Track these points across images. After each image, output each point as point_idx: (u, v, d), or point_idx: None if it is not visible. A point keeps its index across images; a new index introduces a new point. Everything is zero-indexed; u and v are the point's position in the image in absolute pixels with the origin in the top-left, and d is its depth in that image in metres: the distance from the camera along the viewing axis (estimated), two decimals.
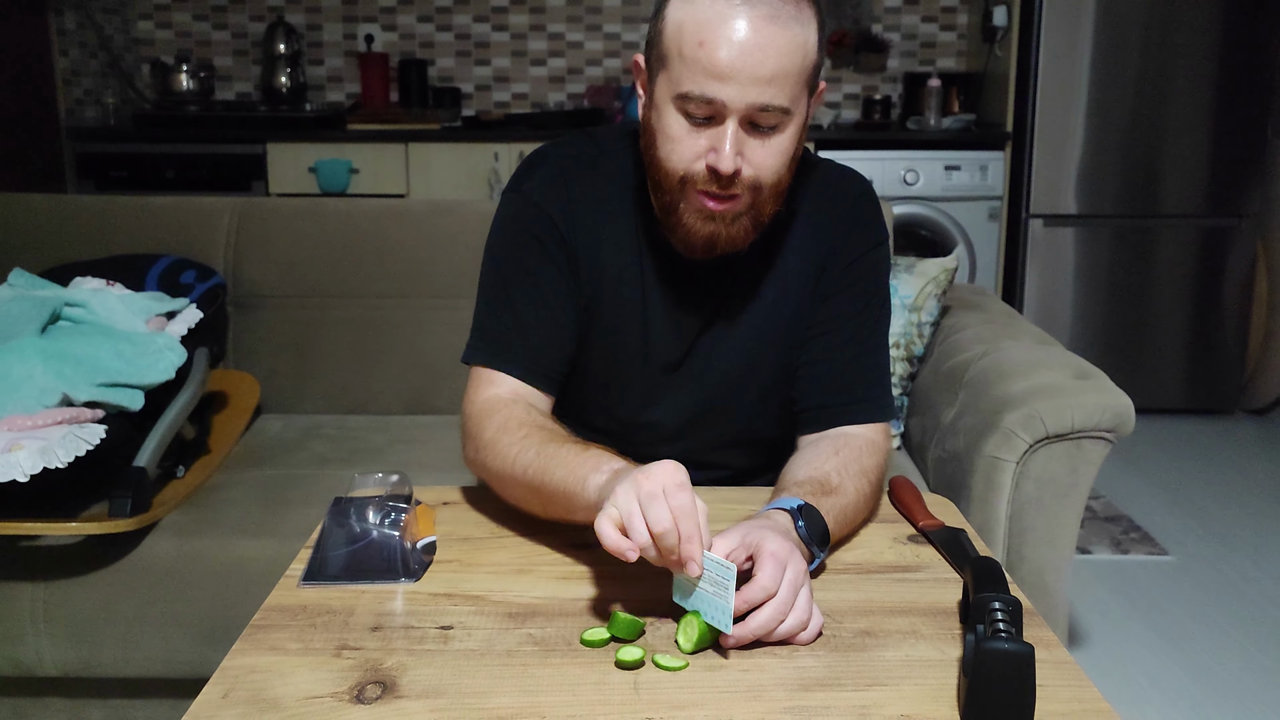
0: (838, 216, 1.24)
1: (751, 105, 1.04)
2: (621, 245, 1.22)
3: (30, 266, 1.97)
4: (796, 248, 1.24)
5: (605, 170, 1.23)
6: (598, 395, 1.28)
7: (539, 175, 1.23)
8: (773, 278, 1.24)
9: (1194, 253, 3.62)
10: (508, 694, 0.84)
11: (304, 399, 2.14)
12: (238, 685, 0.85)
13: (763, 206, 1.12)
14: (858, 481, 1.13)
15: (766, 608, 0.89)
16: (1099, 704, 0.83)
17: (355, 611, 0.97)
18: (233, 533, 1.63)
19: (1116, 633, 2.30)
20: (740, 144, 1.06)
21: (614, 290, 1.22)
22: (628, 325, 1.23)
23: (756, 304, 1.24)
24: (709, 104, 1.05)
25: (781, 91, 1.04)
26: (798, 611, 0.90)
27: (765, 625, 0.89)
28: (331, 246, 2.17)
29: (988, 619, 0.81)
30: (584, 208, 1.21)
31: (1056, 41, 3.50)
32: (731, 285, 1.23)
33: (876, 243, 1.26)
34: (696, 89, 1.04)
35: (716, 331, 1.24)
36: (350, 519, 1.07)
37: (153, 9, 3.99)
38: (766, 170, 1.09)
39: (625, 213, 1.22)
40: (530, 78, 4.06)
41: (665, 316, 1.23)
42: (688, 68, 1.04)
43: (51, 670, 1.62)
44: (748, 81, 1.03)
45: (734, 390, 1.26)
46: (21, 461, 1.43)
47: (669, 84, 1.07)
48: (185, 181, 3.48)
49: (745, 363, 1.25)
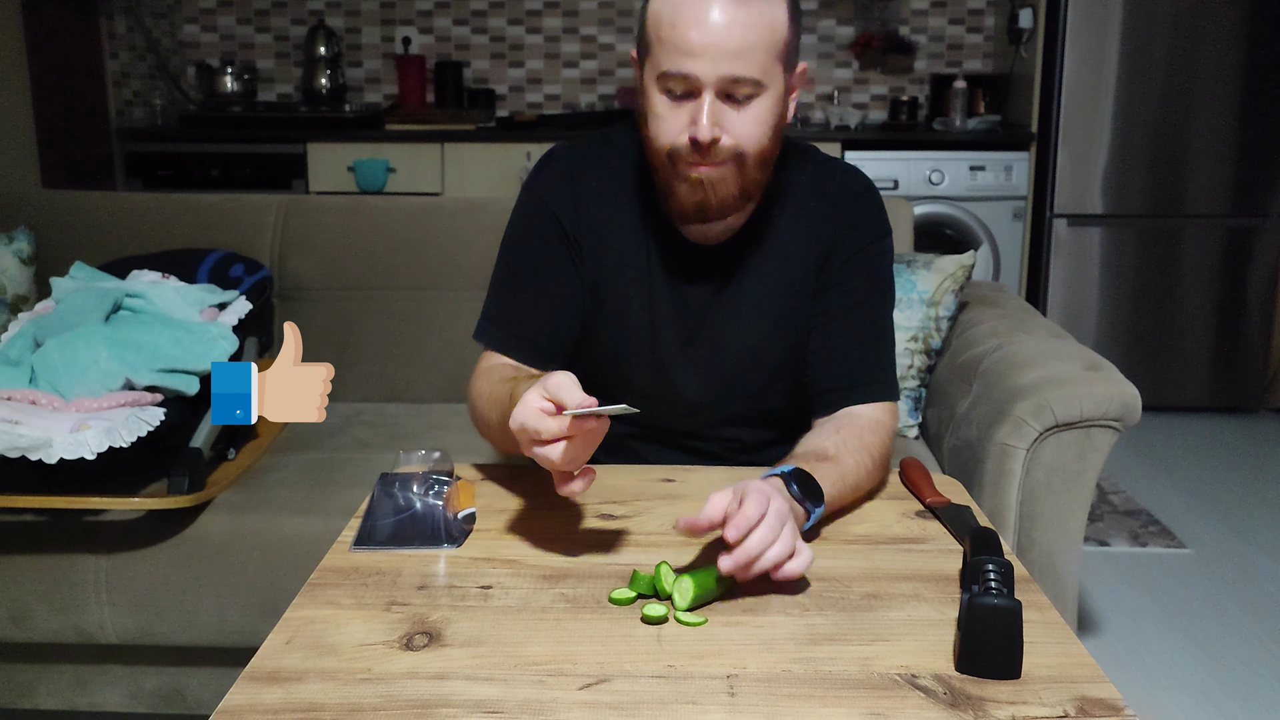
0: (839, 211, 1.33)
1: (723, 78, 1.14)
2: (628, 232, 1.32)
3: (89, 260, 2.08)
4: (798, 238, 1.32)
5: (612, 164, 1.34)
6: (610, 374, 1.36)
7: (547, 174, 1.35)
8: (775, 263, 1.32)
9: (1218, 252, 3.66)
10: (542, 644, 0.92)
11: (345, 387, 2.24)
12: (299, 633, 0.94)
13: (749, 176, 1.21)
14: (858, 455, 1.20)
15: (754, 534, 0.97)
16: (1084, 659, 0.90)
17: (402, 573, 1.06)
18: (281, 511, 1.73)
19: (1133, 624, 2.35)
20: (718, 115, 1.16)
21: (620, 273, 1.33)
22: (635, 306, 1.33)
23: (760, 287, 1.32)
24: (685, 79, 1.15)
25: (751, 63, 1.14)
26: (784, 540, 0.98)
27: (750, 551, 0.96)
28: (371, 242, 2.28)
29: (981, 578, 0.88)
30: (589, 200, 1.32)
31: (1082, 43, 3.54)
32: (734, 268, 1.32)
33: (879, 236, 1.34)
34: (673, 67, 1.15)
35: (722, 311, 1.33)
36: (396, 491, 1.15)
37: (199, 13, 4.11)
38: (747, 139, 1.18)
39: (631, 202, 1.32)
40: (563, 79, 4.15)
41: (671, 296, 1.32)
42: (664, 49, 1.15)
43: (113, 638, 1.73)
44: (718, 55, 1.13)
45: (741, 368, 1.35)
46: (89, 440, 1.54)
47: (652, 67, 1.18)
48: (229, 180, 3.60)
49: (751, 342, 1.34)
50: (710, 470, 1.33)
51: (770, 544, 0.97)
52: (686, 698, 0.84)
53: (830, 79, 4.15)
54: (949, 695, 0.85)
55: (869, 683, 0.87)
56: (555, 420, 0.98)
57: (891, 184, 3.59)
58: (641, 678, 0.87)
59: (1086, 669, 0.89)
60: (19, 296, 2.16)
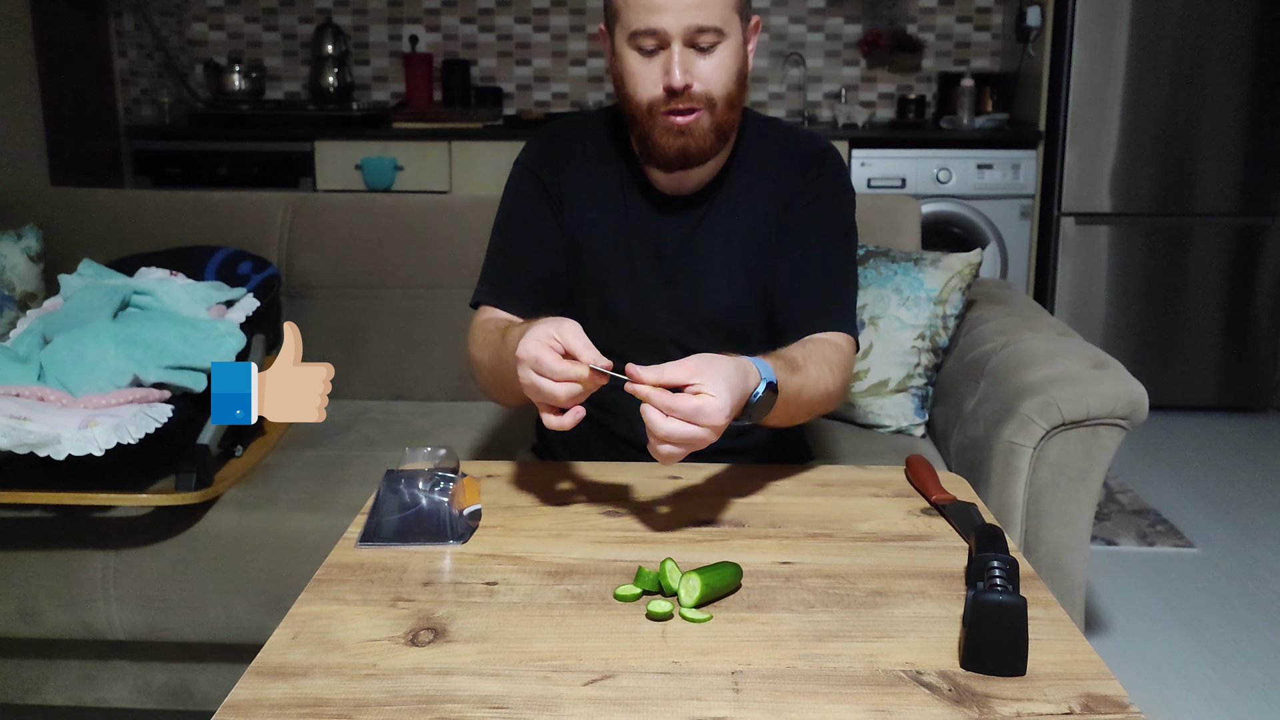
0: (799, 164, 1.42)
1: (688, 28, 1.26)
2: (606, 186, 1.44)
3: (97, 257, 2.09)
4: (762, 189, 1.42)
5: (589, 130, 1.47)
6: (595, 318, 1.38)
7: (531, 145, 1.48)
8: (742, 213, 1.42)
9: (1227, 251, 3.64)
10: (548, 640, 0.93)
11: (352, 384, 2.25)
12: (305, 629, 0.95)
13: (721, 117, 1.32)
14: (819, 367, 1.27)
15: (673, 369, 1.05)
16: (1089, 655, 0.90)
17: (408, 569, 1.06)
18: (288, 508, 1.74)
19: (1141, 624, 2.35)
20: (687, 64, 1.28)
21: (598, 225, 1.43)
22: (614, 253, 1.43)
23: (729, 231, 1.41)
24: (654, 35, 1.27)
25: (711, 13, 1.26)
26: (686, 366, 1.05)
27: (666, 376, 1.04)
28: (379, 240, 2.28)
29: (986, 575, 0.88)
30: (568, 160, 1.45)
31: (1090, 41, 3.53)
32: (705, 214, 1.41)
33: (837, 190, 1.43)
34: (641, 24, 1.27)
35: (695, 254, 1.42)
36: (402, 487, 1.16)
37: (206, 11, 4.12)
38: (715, 84, 1.30)
39: (608, 161, 1.44)
40: (570, 77, 4.15)
41: (647, 242, 1.42)
42: (632, 10, 1.27)
43: (120, 634, 1.73)
44: (680, 8, 1.25)
45: (716, 309, 1.42)
46: (97, 437, 1.54)
47: (623, 31, 1.30)
48: (236, 178, 3.61)
49: (723, 283, 1.41)
50: (716, 468, 1.33)
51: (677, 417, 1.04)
52: (691, 694, 0.84)
53: (838, 77, 4.14)
54: (954, 692, 0.85)
55: (874, 679, 0.87)
56: (567, 363, 1.07)
57: (899, 182, 3.58)
58: (646, 674, 0.87)
59: (1092, 666, 0.88)
60: (27, 293, 2.17)
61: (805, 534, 1.14)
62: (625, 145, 1.43)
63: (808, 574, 1.05)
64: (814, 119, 4.06)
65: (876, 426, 2.05)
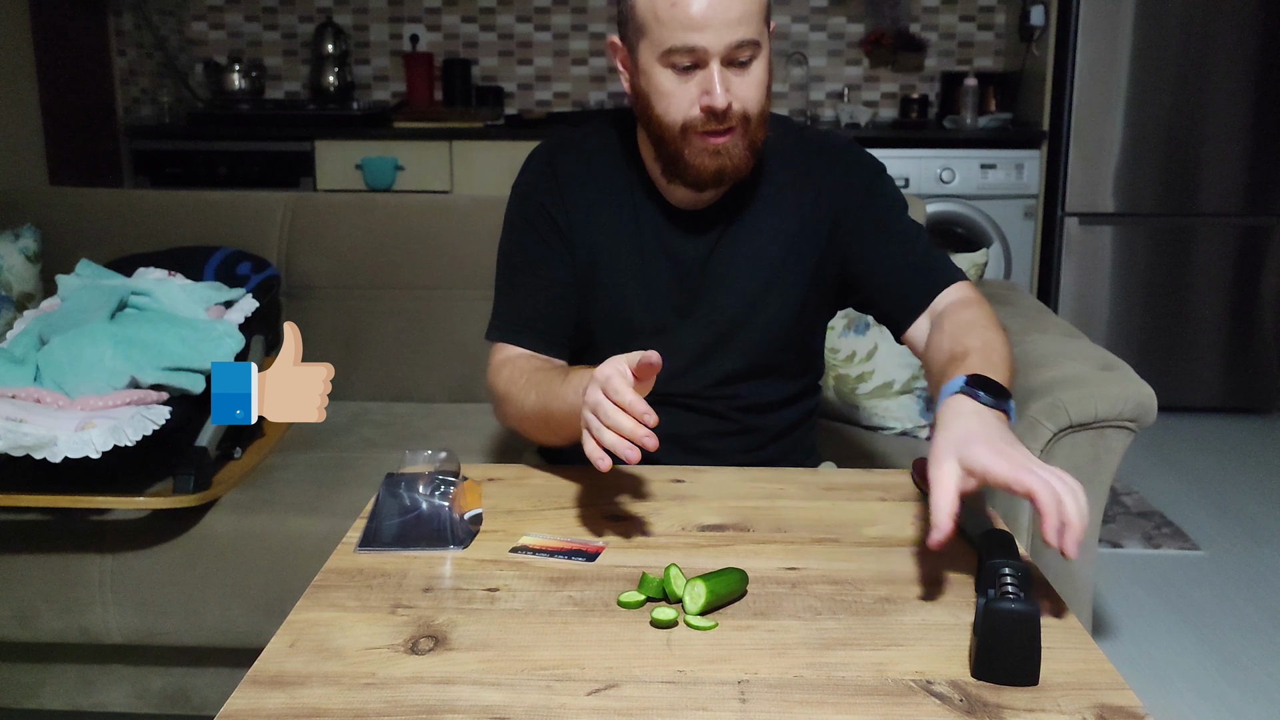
0: (828, 157, 1.37)
1: (729, 45, 1.19)
2: (614, 207, 1.37)
3: (95, 258, 2.07)
4: (791, 186, 1.36)
5: (590, 148, 1.40)
6: (610, 340, 1.37)
7: (528, 170, 1.42)
8: (770, 216, 1.36)
9: (1231, 252, 3.63)
10: (550, 648, 0.91)
11: (352, 386, 2.23)
12: (303, 636, 0.93)
13: (755, 134, 1.26)
14: (979, 334, 1.20)
15: (1066, 506, 0.91)
16: (1103, 665, 0.88)
17: (408, 574, 1.05)
18: (288, 510, 1.72)
19: (1146, 626, 2.33)
20: (725, 82, 1.21)
21: (611, 246, 1.37)
22: (628, 275, 1.37)
23: (755, 241, 1.36)
24: (691, 52, 1.19)
25: (750, 27, 1.20)
26: (1063, 478, 0.93)
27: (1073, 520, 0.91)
28: (379, 240, 2.26)
29: (997, 582, 0.86)
30: (572, 184, 1.38)
31: (1094, 41, 3.51)
32: (727, 226, 1.36)
33: (876, 173, 1.39)
34: (679, 42, 1.19)
35: (717, 269, 1.36)
36: (402, 491, 1.14)
37: (206, 10, 4.11)
38: (751, 101, 1.24)
39: (613, 179, 1.38)
40: (572, 77, 4.14)
41: (665, 261, 1.36)
42: (666, 27, 1.19)
43: (117, 638, 1.72)
44: (721, 25, 1.18)
45: (740, 323, 1.37)
46: (94, 439, 1.53)
47: (652, 48, 1.22)
48: (236, 178, 3.60)
49: (749, 296, 1.36)
50: (720, 471, 1.31)
51: (1075, 497, 0.92)
52: (697, 704, 0.83)
53: (840, 77, 4.12)
54: (965, 702, 0.83)
55: (883, 689, 0.85)
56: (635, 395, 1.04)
57: (902, 182, 3.56)
58: (651, 683, 0.85)
59: (1106, 675, 0.87)
60: (25, 294, 2.16)
61: (811, 539, 1.13)
62: (631, 160, 1.37)
63: (814, 580, 1.03)
64: (816, 119, 4.05)
65: (881, 428, 2.03)
